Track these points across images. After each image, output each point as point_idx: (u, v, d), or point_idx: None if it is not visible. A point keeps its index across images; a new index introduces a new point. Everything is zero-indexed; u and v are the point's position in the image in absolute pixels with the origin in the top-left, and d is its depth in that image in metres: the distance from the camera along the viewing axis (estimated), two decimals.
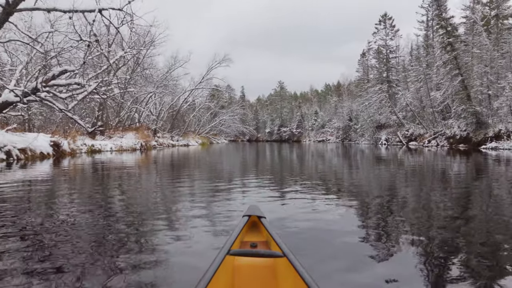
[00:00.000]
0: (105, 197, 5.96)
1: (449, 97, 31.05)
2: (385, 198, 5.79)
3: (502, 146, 23.86)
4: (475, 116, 27.48)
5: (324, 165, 14.31)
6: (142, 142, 24.91)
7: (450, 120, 32.21)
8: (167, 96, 41.88)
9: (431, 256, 2.84)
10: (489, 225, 3.93)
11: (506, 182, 8.02)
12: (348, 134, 62.89)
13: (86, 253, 2.87)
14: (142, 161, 15.58)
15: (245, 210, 2.80)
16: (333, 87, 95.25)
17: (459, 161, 15.67)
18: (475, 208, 5.04)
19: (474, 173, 10.29)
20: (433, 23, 48.51)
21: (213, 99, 66.54)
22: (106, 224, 3.87)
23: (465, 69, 28.57)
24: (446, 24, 29.21)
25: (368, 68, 61.08)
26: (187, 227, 3.67)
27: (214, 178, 9.09)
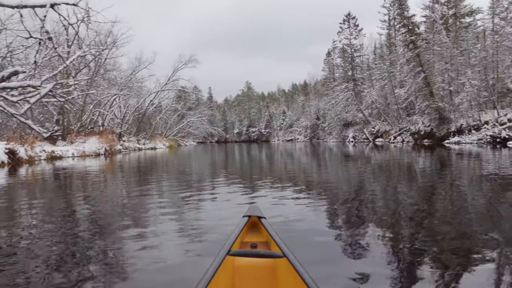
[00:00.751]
0: (66, 207, 5.42)
1: (412, 94, 31.83)
2: (354, 194, 5.87)
3: (464, 140, 24.63)
4: (438, 112, 28.28)
5: (294, 164, 14.20)
6: (106, 146, 23.89)
7: (414, 116, 33.04)
8: (132, 98, 40.66)
9: (400, 250, 2.89)
10: (454, 217, 4.03)
11: (469, 175, 8.27)
12: (316, 132, 63.56)
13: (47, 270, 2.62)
14: (106, 167, 14.84)
15: (245, 211, 2.78)
16: (300, 87, 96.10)
17: (424, 156, 16.04)
18: (441, 202, 5.17)
19: (438, 167, 10.53)
20: (395, 22, 49.98)
21: (180, 100, 65.38)
22: (67, 236, 3.57)
23: (427, 66, 29.36)
24: (408, 23, 29.91)
25: (334, 67, 61.95)
26: (157, 235, 3.47)
27: (183, 182, 8.65)
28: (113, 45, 27.01)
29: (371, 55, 55.57)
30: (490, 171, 8.96)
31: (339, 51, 54.61)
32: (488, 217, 4.01)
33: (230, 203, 5.12)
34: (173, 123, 57.60)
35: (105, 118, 32.44)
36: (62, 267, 2.67)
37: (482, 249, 2.87)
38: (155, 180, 9.40)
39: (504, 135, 21.30)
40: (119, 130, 33.08)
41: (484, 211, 4.29)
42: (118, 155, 23.74)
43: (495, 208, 4.47)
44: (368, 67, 50.85)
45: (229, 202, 5.24)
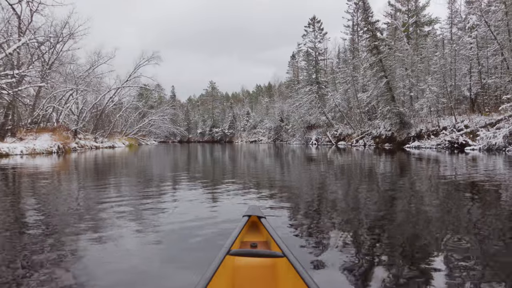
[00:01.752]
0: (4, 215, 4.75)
1: (375, 98, 32.37)
2: (315, 196, 6.00)
3: (424, 145, 25.22)
4: (399, 117, 28.86)
5: (257, 166, 13.99)
6: (59, 144, 22.47)
7: (376, 120, 33.62)
8: (91, 94, 38.85)
9: (356, 253, 2.95)
10: (412, 219, 4.23)
11: (427, 178, 8.60)
12: (280, 134, 63.71)
13: None
14: (56, 166, 13.76)
15: (245, 210, 2.81)
16: (264, 88, 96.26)
17: (385, 159, 16.32)
18: (398, 203, 5.38)
19: (398, 171, 10.89)
20: (358, 28, 51.06)
21: (142, 98, 63.49)
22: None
23: (390, 71, 29.92)
24: (372, 28, 30.38)
25: (298, 70, 62.41)
26: (116, 239, 3.38)
27: (142, 184, 8.09)
28: (70, 36, 25.46)
29: (335, 59, 56.50)
30: (446, 174, 9.39)
31: (304, 54, 54.99)
32: (443, 219, 4.21)
33: (192, 205, 5.11)
34: (133, 121, 55.73)
35: (60, 114, 30.67)
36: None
37: (435, 251, 3.04)
38: (112, 181, 8.77)
39: (461, 141, 21.96)
40: (74, 127, 31.35)
41: (440, 213, 4.50)
42: (72, 154, 22.40)
43: (450, 210, 4.74)
44: (332, 71, 51.53)
45: (191, 203, 5.24)
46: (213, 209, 4.89)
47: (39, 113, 26.23)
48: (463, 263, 2.70)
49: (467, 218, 4.29)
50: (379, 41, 30.73)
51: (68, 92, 31.33)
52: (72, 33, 25.61)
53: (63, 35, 25.31)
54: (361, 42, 47.55)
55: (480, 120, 23.23)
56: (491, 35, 23.89)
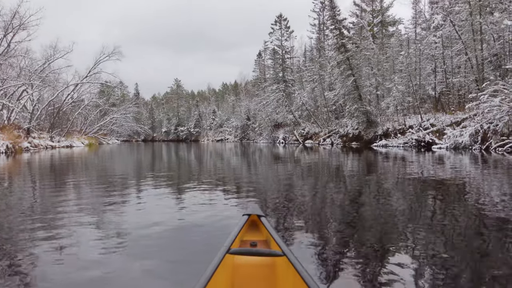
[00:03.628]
0: None
1: (342, 97, 32.30)
2: (282, 195, 5.97)
3: (391, 143, 25.26)
4: (366, 115, 28.88)
5: (223, 165, 13.59)
6: (8, 143, 20.67)
7: (343, 119, 33.58)
8: (47, 91, 36.55)
9: (325, 250, 3.03)
10: (378, 217, 4.27)
11: (394, 177, 8.72)
12: (247, 133, 63.11)
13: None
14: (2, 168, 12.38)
15: (245, 209, 2.86)
16: (230, 87, 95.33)
17: (352, 158, 16.32)
18: (366, 202, 5.39)
19: (365, 169, 10.93)
20: (324, 27, 51.27)
21: (103, 96, 60.94)
22: None
23: (357, 70, 29.89)
24: (339, 26, 30.23)
25: (265, 68, 61.97)
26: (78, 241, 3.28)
27: (102, 186, 7.50)
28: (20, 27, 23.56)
29: (302, 58, 56.47)
30: (413, 173, 9.42)
31: (270, 52, 54.58)
32: (410, 216, 4.33)
33: (157, 207, 4.98)
34: (94, 119, 53.31)
35: (11, 111, 28.50)
36: None
37: (400, 247, 3.11)
38: (68, 183, 8.03)
39: (428, 139, 22.06)
40: (27, 126, 29.24)
41: (406, 211, 4.61)
42: (24, 154, 20.71)
43: (416, 208, 4.87)
44: (298, 69, 51.39)
45: (157, 206, 5.06)
46: (181, 212, 4.71)
47: None
48: (430, 260, 2.75)
49: (433, 216, 4.37)
50: (346, 39, 30.62)
51: (21, 87, 29.21)
52: (23, 23, 23.67)
53: (13, 25, 23.36)
54: (327, 41, 47.82)
55: (445, 118, 23.48)
56: (455, 34, 24.23)
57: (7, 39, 24.68)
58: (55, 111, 37.34)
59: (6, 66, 29.06)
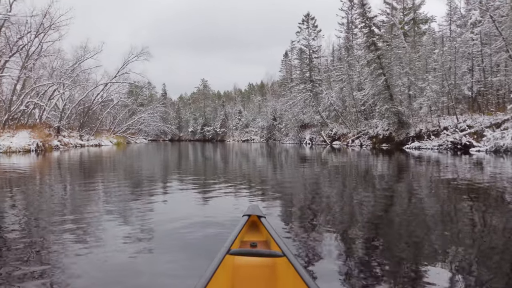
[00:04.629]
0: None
1: (372, 97, 31.26)
2: (310, 196, 5.86)
3: (425, 145, 24.14)
4: (397, 116, 27.79)
5: (248, 166, 13.44)
6: (38, 142, 20.97)
7: (373, 120, 32.51)
8: (78, 90, 37.23)
9: (355, 253, 2.96)
10: (409, 223, 4.08)
11: (427, 181, 8.23)
12: (273, 133, 62.55)
13: None
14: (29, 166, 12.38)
15: (245, 210, 2.82)
16: (256, 87, 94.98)
17: (382, 160, 15.75)
18: (396, 206, 5.21)
19: (396, 172, 10.48)
20: (352, 25, 50.13)
21: (132, 95, 61.90)
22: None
23: (388, 69, 28.84)
24: (370, 24, 29.27)
25: (292, 68, 61.22)
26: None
27: (128, 185, 7.55)
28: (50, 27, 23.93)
29: (329, 57, 55.42)
30: (449, 177, 8.90)
31: (297, 51, 53.81)
32: (444, 225, 4.07)
33: (182, 205, 5.05)
34: (122, 119, 54.12)
35: (43, 110, 29.09)
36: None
37: (434, 255, 2.96)
38: (96, 181, 8.18)
39: (465, 142, 20.90)
40: (57, 124, 29.78)
41: (440, 218, 4.37)
42: (54, 152, 20.98)
43: (451, 216, 4.57)
44: (326, 69, 50.42)
45: (182, 204, 5.16)
46: (205, 210, 4.77)
47: (17, 109, 24.67)
48: (462, 270, 2.65)
49: (468, 225, 4.09)
50: (377, 37, 29.59)
51: (52, 87, 29.77)
52: (53, 23, 24.03)
53: (44, 25, 23.75)
54: (356, 40, 46.67)
55: (484, 120, 22.18)
56: (495, 31, 22.91)
57: (39, 39, 25.13)
58: (85, 110, 38.01)
59: (39, 66, 29.72)
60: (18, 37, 24.99)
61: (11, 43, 24.42)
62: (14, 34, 25.10)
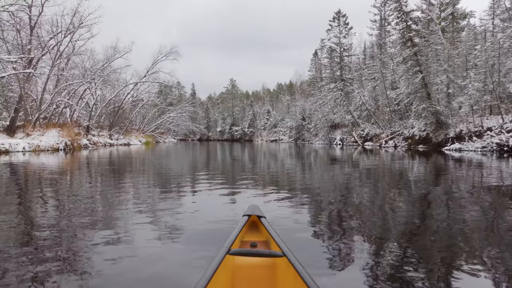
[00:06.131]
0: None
1: (407, 96, 29.73)
2: (340, 201, 5.61)
3: (467, 147, 22.55)
4: (436, 116, 26.24)
5: (277, 166, 12.88)
6: (66, 141, 20.95)
7: (410, 119, 30.96)
8: (107, 90, 37.61)
9: (387, 263, 2.79)
10: (447, 233, 3.75)
11: (469, 187, 7.49)
12: (302, 133, 61.46)
13: None
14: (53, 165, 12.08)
15: (245, 210, 2.81)
16: (285, 87, 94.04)
17: (419, 162, 14.74)
18: (434, 214, 4.76)
19: (433, 176, 9.67)
20: (385, 22, 48.41)
21: (161, 95, 62.37)
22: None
23: (425, 66, 27.29)
24: (406, 18, 27.81)
25: (321, 67, 59.94)
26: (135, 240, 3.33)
27: (157, 186, 7.36)
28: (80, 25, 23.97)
29: (361, 55, 53.80)
30: (493, 182, 8.23)
31: (328, 50, 52.50)
32: (485, 234, 3.78)
33: (210, 205, 5.04)
34: (151, 118, 54.52)
35: (74, 110, 29.35)
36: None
37: (473, 266, 2.76)
38: (125, 180, 8.23)
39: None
40: (86, 123, 29.98)
41: (482, 227, 4.04)
42: (82, 151, 20.92)
43: (492, 224, 4.25)
44: (359, 67, 48.92)
45: (211, 203, 5.15)
46: (232, 210, 4.72)
47: (48, 108, 24.89)
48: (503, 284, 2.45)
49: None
50: (414, 32, 28.08)
51: (82, 86, 30.02)
52: (82, 22, 24.06)
53: (74, 24, 23.81)
54: (389, 38, 45.03)
55: None
56: None
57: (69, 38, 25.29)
58: (115, 110, 38.32)
59: (70, 66, 30.05)
60: (50, 37, 25.19)
61: (43, 43, 24.63)
62: (45, 33, 25.40)
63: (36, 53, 23.48)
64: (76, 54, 27.44)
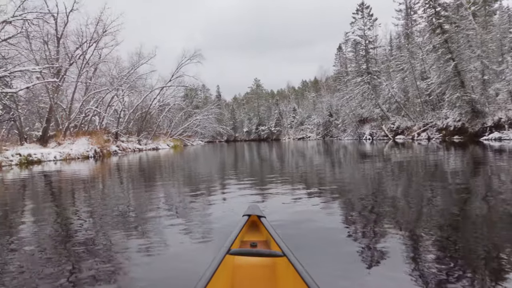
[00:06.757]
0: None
1: (439, 85, 28.52)
2: (373, 197, 5.40)
3: (508, 136, 21.33)
4: (471, 105, 25.02)
5: (305, 165, 12.35)
6: (96, 148, 21.23)
7: (443, 110, 29.71)
8: (133, 95, 38.12)
9: (424, 258, 2.69)
10: (488, 226, 3.56)
11: (510, 177, 6.98)
12: (329, 130, 60.54)
13: None
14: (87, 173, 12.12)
15: (245, 210, 2.80)
16: (310, 83, 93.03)
17: (455, 154, 13.85)
18: (472, 207, 4.50)
19: (471, 168, 9.02)
20: (411, 11, 46.88)
21: (187, 99, 62.92)
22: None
23: (457, 53, 26.06)
24: (435, 4, 26.66)
25: (346, 61, 58.74)
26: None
27: (185, 186, 7.52)
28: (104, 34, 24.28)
29: (387, 47, 52.34)
30: None
31: (352, 43, 51.34)
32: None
33: (241, 205, 4.79)
34: (178, 122, 54.99)
35: (103, 117, 29.84)
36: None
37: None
38: (155, 184, 8.30)
39: None
40: (115, 130, 30.41)
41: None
42: (112, 158, 21.14)
43: None
44: (385, 59, 47.56)
45: (241, 204, 4.93)
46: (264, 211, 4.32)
47: (78, 116, 25.36)
48: None
49: None
50: (443, 19, 26.88)
51: (110, 93, 30.49)
52: (106, 30, 24.40)
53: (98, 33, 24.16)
54: (415, 27, 43.61)
55: None
56: None
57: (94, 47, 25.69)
58: (143, 115, 38.79)
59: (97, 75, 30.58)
60: (76, 47, 25.66)
61: (70, 53, 25.11)
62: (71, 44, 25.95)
63: (63, 64, 23.96)
64: (102, 62, 27.86)
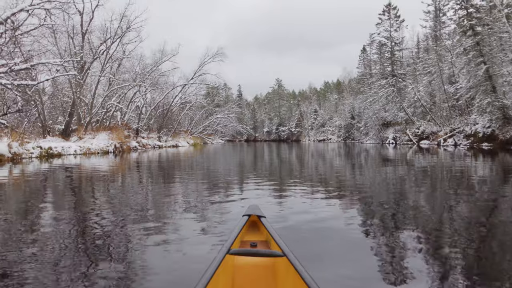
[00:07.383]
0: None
1: (469, 90, 27.44)
2: (397, 206, 5.05)
3: None
4: (503, 111, 23.92)
5: (325, 168, 11.85)
6: (116, 143, 21.23)
7: (472, 115, 28.58)
8: (155, 92, 38.32)
9: (444, 276, 2.46)
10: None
11: None
12: (351, 132, 59.54)
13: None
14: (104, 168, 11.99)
15: (245, 210, 2.80)
16: (333, 85, 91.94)
17: (483, 162, 13.09)
18: (502, 220, 4.17)
19: (501, 178, 8.45)
20: (440, 13, 45.49)
21: (208, 97, 63.07)
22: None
23: (489, 56, 24.98)
24: (467, 5, 25.64)
25: (371, 63, 57.63)
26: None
27: (204, 185, 7.36)
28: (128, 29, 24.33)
29: (414, 49, 50.99)
30: None
31: (377, 45, 50.23)
32: None
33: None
34: (199, 120, 55.12)
35: (124, 113, 30.00)
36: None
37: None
38: (174, 181, 8.30)
39: None
40: (136, 126, 30.52)
41: None
42: (132, 154, 21.13)
43: None
44: (412, 61, 46.31)
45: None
46: (278, 211, 4.56)
47: (99, 111, 25.53)
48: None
49: None
50: (475, 20, 25.82)
51: (132, 90, 30.66)
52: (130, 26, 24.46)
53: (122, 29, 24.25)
54: (444, 29, 42.33)
55: None
56: None
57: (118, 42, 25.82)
58: (164, 112, 38.94)
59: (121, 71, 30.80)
60: (100, 42, 25.83)
61: (94, 48, 25.29)
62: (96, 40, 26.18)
63: (88, 58, 24.15)
64: (125, 57, 28.03)
